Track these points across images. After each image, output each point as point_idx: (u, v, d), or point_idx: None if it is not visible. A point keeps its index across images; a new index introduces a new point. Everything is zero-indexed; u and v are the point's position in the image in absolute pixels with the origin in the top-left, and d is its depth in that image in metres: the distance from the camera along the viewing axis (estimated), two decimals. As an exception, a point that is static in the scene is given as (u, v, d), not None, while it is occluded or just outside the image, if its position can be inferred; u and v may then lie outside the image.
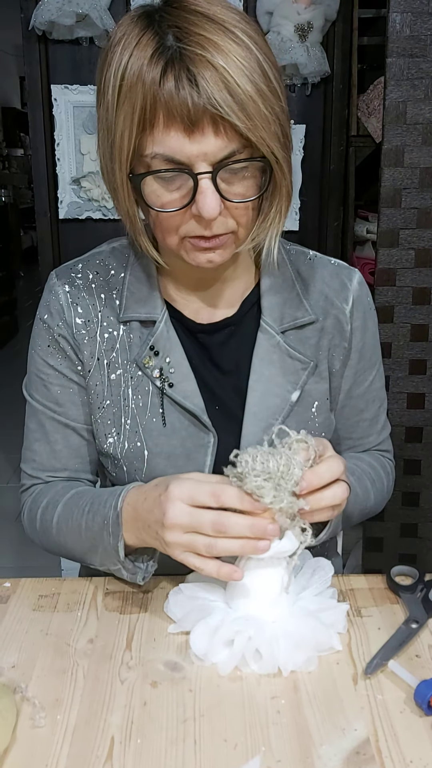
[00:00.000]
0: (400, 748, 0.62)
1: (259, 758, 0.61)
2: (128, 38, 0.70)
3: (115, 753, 0.62)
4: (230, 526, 0.69)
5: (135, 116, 0.70)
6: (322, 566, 0.81)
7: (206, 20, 0.68)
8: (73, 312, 0.88)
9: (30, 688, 0.70)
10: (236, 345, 0.90)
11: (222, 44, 0.67)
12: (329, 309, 0.91)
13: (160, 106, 0.68)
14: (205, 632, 0.73)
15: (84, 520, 0.83)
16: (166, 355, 0.87)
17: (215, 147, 0.70)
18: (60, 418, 0.92)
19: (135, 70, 0.69)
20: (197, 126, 0.68)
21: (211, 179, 0.71)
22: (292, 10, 1.99)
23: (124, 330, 0.88)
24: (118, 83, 0.70)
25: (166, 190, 0.74)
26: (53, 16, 1.91)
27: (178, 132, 0.69)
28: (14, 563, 2.43)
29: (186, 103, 0.67)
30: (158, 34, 0.69)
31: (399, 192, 1.57)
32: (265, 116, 0.70)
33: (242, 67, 0.68)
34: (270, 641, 0.71)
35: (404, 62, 1.51)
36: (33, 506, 0.94)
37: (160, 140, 0.70)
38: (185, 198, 0.73)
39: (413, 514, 1.76)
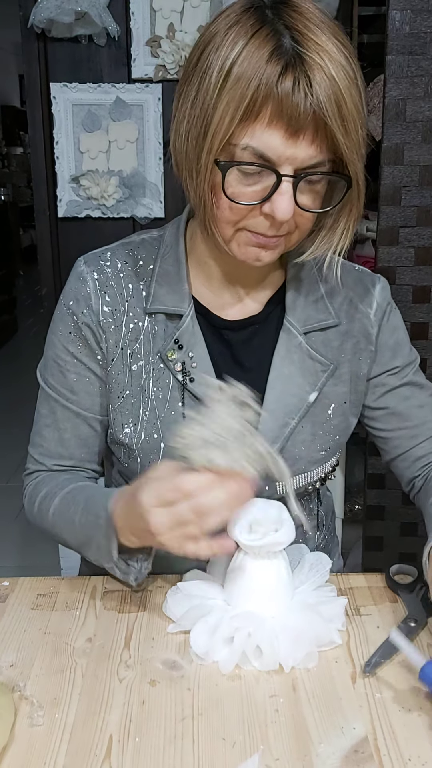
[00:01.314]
0: (398, 747, 0.62)
1: (257, 757, 0.61)
2: (241, 27, 0.70)
3: (113, 751, 0.62)
4: (209, 506, 0.69)
5: (242, 105, 0.70)
6: (320, 560, 0.82)
7: (320, 29, 0.70)
8: (101, 300, 0.88)
9: (28, 687, 0.70)
10: (259, 343, 0.90)
11: (334, 55, 0.69)
12: (353, 313, 0.92)
13: (271, 102, 0.69)
14: (205, 631, 0.73)
15: (78, 517, 0.84)
16: (190, 349, 0.87)
17: (307, 154, 0.71)
18: (72, 406, 0.92)
19: (251, 64, 0.69)
20: (300, 129, 0.70)
21: (293, 184, 0.72)
22: (292, 8, 1.98)
23: (149, 321, 0.88)
24: (226, 69, 0.70)
25: (244, 183, 0.74)
26: (52, 14, 1.90)
27: (280, 130, 0.70)
28: (13, 562, 2.43)
29: (298, 104, 0.68)
30: (275, 32, 0.69)
31: (399, 190, 1.57)
32: (360, 135, 0.72)
33: (349, 84, 0.70)
34: (270, 637, 0.71)
35: (404, 60, 1.51)
36: (33, 493, 0.95)
37: (259, 134, 0.71)
38: (261, 194, 0.74)
39: (413, 513, 1.75)
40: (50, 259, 2.14)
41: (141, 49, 1.99)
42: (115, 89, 1.98)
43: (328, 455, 0.91)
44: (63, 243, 2.14)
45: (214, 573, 0.83)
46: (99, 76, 2.01)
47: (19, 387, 4.17)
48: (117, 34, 1.98)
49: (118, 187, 2.04)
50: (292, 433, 0.88)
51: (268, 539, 0.73)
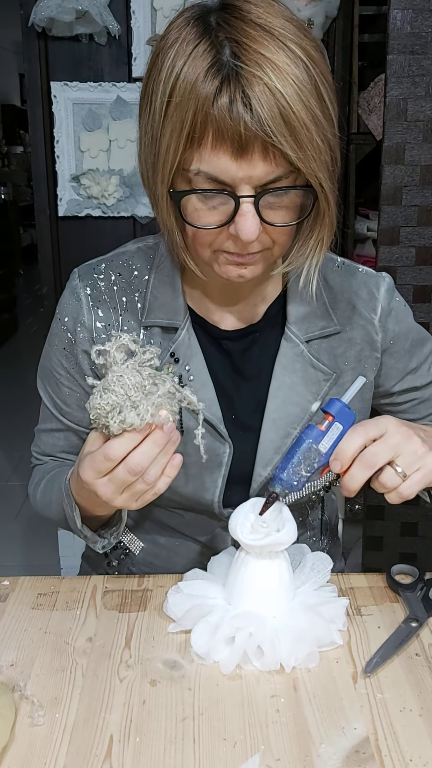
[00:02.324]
0: (399, 747, 0.62)
1: (258, 757, 0.61)
2: (182, 44, 0.67)
3: (113, 751, 0.62)
4: (142, 462, 0.70)
5: (183, 131, 0.67)
6: (321, 560, 0.82)
7: (265, 35, 0.65)
8: (93, 315, 0.87)
9: (29, 687, 0.70)
10: (260, 352, 0.88)
11: (280, 65, 0.65)
12: (357, 320, 0.89)
13: (210, 126, 0.66)
14: (206, 631, 0.73)
15: (54, 498, 0.88)
16: (186, 362, 0.86)
17: (262, 172, 0.68)
18: (64, 419, 0.93)
19: (189, 82, 0.66)
20: (246, 150, 0.66)
21: (254, 203, 0.69)
22: (293, 7, 1.98)
23: (144, 335, 0.86)
24: (168, 91, 0.68)
25: (206, 208, 0.72)
26: (53, 13, 1.90)
27: (226, 154, 0.67)
28: (14, 561, 2.43)
29: (238, 126, 0.65)
30: (215, 46, 0.66)
31: (399, 189, 1.57)
32: (317, 145, 0.68)
33: (299, 92, 0.65)
34: (271, 637, 0.71)
35: (405, 59, 1.51)
36: (31, 482, 0.99)
37: (206, 159, 0.68)
38: (224, 217, 0.71)
39: (413, 512, 1.75)
40: (50, 258, 2.14)
41: (142, 48, 1.99)
42: (116, 88, 1.98)
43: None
44: (63, 242, 2.13)
45: (215, 572, 0.83)
46: (100, 75, 2.01)
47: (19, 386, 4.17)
48: (118, 32, 1.98)
49: (119, 186, 2.04)
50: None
51: (270, 539, 0.73)
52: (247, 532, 0.75)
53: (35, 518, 2.59)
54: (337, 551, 1.08)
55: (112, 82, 2.00)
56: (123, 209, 2.06)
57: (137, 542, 0.95)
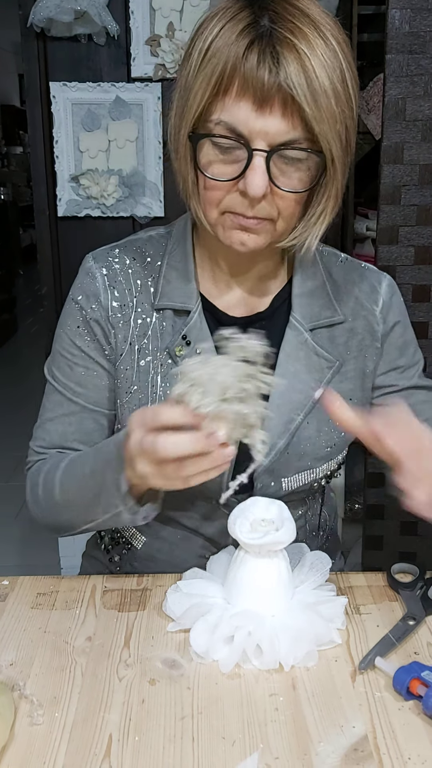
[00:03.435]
0: (398, 745, 0.62)
1: (257, 755, 0.61)
2: (225, 12, 0.74)
3: (113, 750, 0.62)
4: (171, 449, 0.67)
5: (212, 79, 0.72)
6: (320, 559, 0.82)
7: (302, 15, 0.72)
8: (109, 295, 0.89)
9: (28, 686, 0.70)
10: (265, 340, 0.90)
11: (311, 37, 0.71)
12: (359, 311, 0.92)
13: (237, 76, 0.71)
14: (205, 630, 0.73)
15: (88, 467, 0.83)
16: (197, 345, 0.87)
17: (278, 128, 0.72)
18: (79, 400, 0.92)
19: (224, 41, 0.72)
20: (267, 102, 0.71)
21: (266, 159, 0.73)
22: (291, 7, 1.98)
23: (157, 318, 0.89)
24: (205, 48, 0.73)
25: (220, 159, 0.75)
26: (52, 13, 1.90)
27: (248, 103, 0.71)
28: (13, 561, 2.43)
29: (263, 77, 0.70)
30: (254, 13, 0.72)
31: (398, 189, 1.57)
32: (333, 112, 0.72)
33: (324, 63, 0.71)
34: (270, 636, 0.71)
35: (404, 59, 1.51)
36: (34, 477, 0.94)
37: (229, 108, 0.72)
38: (237, 170, 0.74)
39: (413, 511, 1.75)
40: (50, 259, 2.14)
41: (140, 48, 1.99)
42: (115, 88, 1.98)
43: (334, 452, 0.91)
44: (63, 242, 2.13)
45: (214, 571, 0.83)
46: (98, 75, 2.01)
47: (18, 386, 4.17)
48: (116, 33, 1.98)
49: (118, 187, 2.04)
50: (297, 429, 0.88)
51: (269, 538, 0.73)
52: (246, 531, 0.75)
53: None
54: (335, 548, 1.08)
55: (111, 82, 2.00)
56: (122, 209, 2.06)
57: (139, 536, 0.95)
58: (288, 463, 0.88)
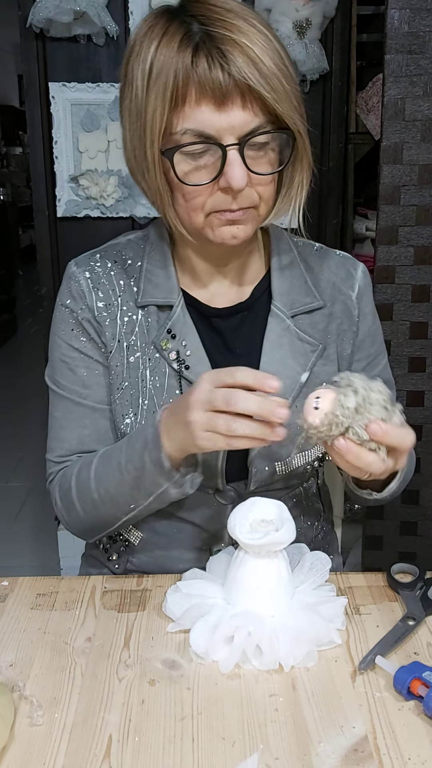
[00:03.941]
0: (398, 746, 0.62)
1: (257, 756, 0.61)
2: (154, 31, 0.76)
3: (112, 751, 0.62)
4: (239, 400, 0.70)
5: (167, 94, 0.75)
6: (320, 560, 0.82)
7: (226, 11, 0.75)
8: (94, 296, 0.91)
9: (28, 687, 0.70)
10: (248, 329, 0.93)
11: (244, 29, 0.74)
12: (336, 295, 0.95)
13: (192, 83, 0.74)
14: (205, 630, 0.73)
15: (123, 456, 0.85)
16: (183, 338, 0.89)
17: (243, 120, 0.75)
18: (87, 402, 0.93)
19: (165, 56, 0.75)
20: (227, 99, 0.74)
21: (239, 151, 0.76)
22: (291, 7, 1.98)
23: (142, 315, 0.91)
24: (147, 70, 0.76)
25: (196, 165, 0.78)
26: (51, 14, 1.90)
27: (209, 105, 0.74)
28: (14, 562, 2.43)
29: (218, 77, 0.73)
30: (184, 22, 0.75)
31: (398, 189, 1.57)
32: (286, 90, 0.76)
33: (264, 48, 0.74)
34: (270, 636, 0.71)
35: (403, 59, 1.51)
36: (64, 482, 0.94)
37: (191, 115, 0.75)
38: (213, 171, 0.77)
39: (413, 512, 1.75)
40: (49, 259, 2.14)
41: (140, 49, 1.99)
42: (114, 89, 1.98)
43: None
44: (62, 242, 2.13)
45: (214, 571, 0.83)
46: (98, 75, 2.01)
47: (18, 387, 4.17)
48: (116, 33, 1.98)
49: (117, 187, 2.04)
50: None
51: (269, 538, 0.73)
52: (246, 531, 0.75)
53: (35, 518, 2.59)
54: (333, 543, 1.08)
55: (111, 82, 2.00)
56: (122, 209, 2.06)
57: (136, 532, 0.95)
58: (280, 448, 0.90)
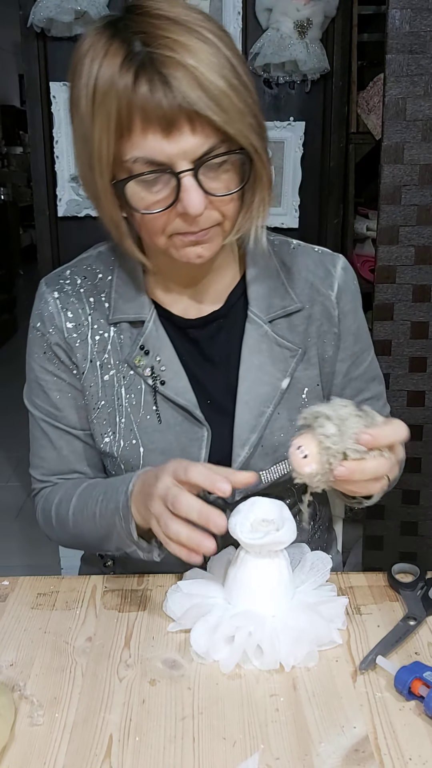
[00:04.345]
0: (398, 746, 0.62)
1: (257, 756, 0.61)
2: (95, 49, 0.71)
3: (113, 751, 0.62)
4: (181, 502, 0.70)
5: (111, 124, 0.71)
6: (321, 560, 0.82)
7: (171, 23, 0.69)
8: (63, 317, 0.89)
9: (28, 686, 0.70)
10: (226, 337, 0.91)
11: (189, 44, 0.69)
12: (315, 296, 0.92)
13: (136, 111, 0.69)
14: (205, 630, 0.73)
15: (98, 509, 0.85)
16: (157, 353, 0.88)
17: (194, 144, 0.71)
18: (60, 424, 0.93)
19: (107, 79, 0.70)
20: (174, 125, 0.69)
21: (194, 176, 0.72)
22: (292, 7, 1.98)
23: (114, 331, 0.89)
24: (91, 93, 0.71)
25: (150, 192, 0.74)
26: (52, 13, 1.90)
27: (156, 134, 0.70)
28: (13, 561, 2.43)
29: (161, 104, 0.68)
30: (126, 41, 0.70)
31: (399, 189, 1.57)
32: (239, 109, 0.71)
33: (212, 64, 0.69)
34: (271, 636, 0.71)
35: (404, 59, 1.51)
36: (46, 505, 0.96)
37: (139, 144, 0.71)
38: (170, 197, 0.74)
39: (413, 512, 1.75)
40: (50, 259, 2.14)
41: (141, 48, 1.98)
42: (115, 88, 1.98)
43: None
44: (63, 242, 2.13)
45: (215, 571, 0.83)
46: (99, 75, 2.01)
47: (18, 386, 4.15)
48: (117, 33, 1.98)
49: (118, 187, 2.04)
50: (269, 422, 0.89)
51: (270, 538, 0.73)
52: (247, 531, 0.75)
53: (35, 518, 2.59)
54: (332, 542, 1.08)
55: (111, 82, 2.00)
56: (122, 209, 2.06)
57: None
58: (264, 456, 0.89)
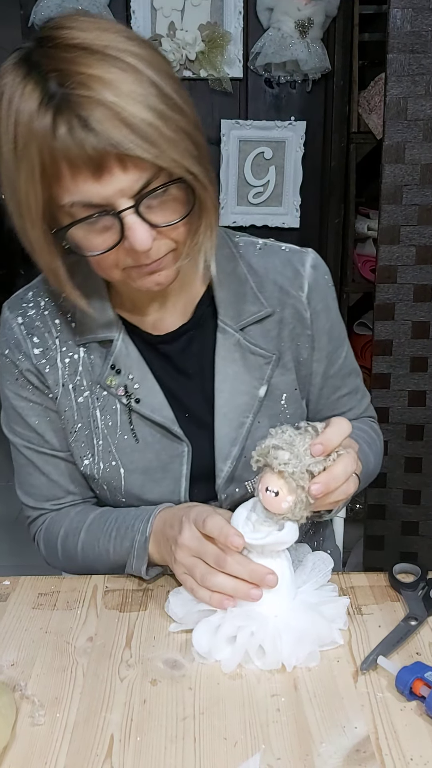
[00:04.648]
0: (400, 746, 0.62)
1: (258, 756, 0.61)
2: (11, 89, 0.67)
3: (114, 751, 0.62)
4: (229, 565, 0.72)
5: (36, 174, 0.67)
6: (322, 560, 0.81)
7: (85, 53, 0.64)
8: (29, 343, 0.87)
9: (29, 686, 0.70)
10: (198, 349, 0.89)
11: (107, 77, 0.64)
12: (285, 299, 0.89)
13: (60, 158, 0.65)
14: (207, 630, 0.73)
15: (112, 546, 0.85)
16: (128, 371, 0.86)
17: (128, 182, 0.67)
18: (43, 449, 0.92)
19: (25, 125, 0.66)
20: (103, 168, 0.66)
21: (135, 212, 0.69)
22: (293, 6, 1.98)
23: (84, 352, 0.87)
24: (11, 140, 0.67)
25: (95, 234, 0.71)
26: (53, 13, 1.90)
27: (87, 179, 0.66)
28: (14, 561, 2.43)
29: (85, 149, 0.64)
30: (40, 81, 0.65)
31: (400, 189, 1.57)
32: (170, 138, 0.66)
33: (134, 95, 0.64)
34: (273, 636, 0.71)
35: (405, 58, 1.51)
36: (49, 536, 0.95)
37: (72, 189, 0.67)
38: (115, 236, 0.71)
39: (414, 512, 1.75)
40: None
41: (142, 48, 1.98)
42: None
43: None
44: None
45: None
46: (100, 74, 2.01)
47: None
48: (118, 32, 1.97)
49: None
50: (249, 432, 0.88)
51: (272, 538, 0.73)
52: (249, 531, 0.75)
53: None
54: (330, 536, 1.08)
55: (112, 81, 2.00)
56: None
57: None
58: (247, 467, 0.86)
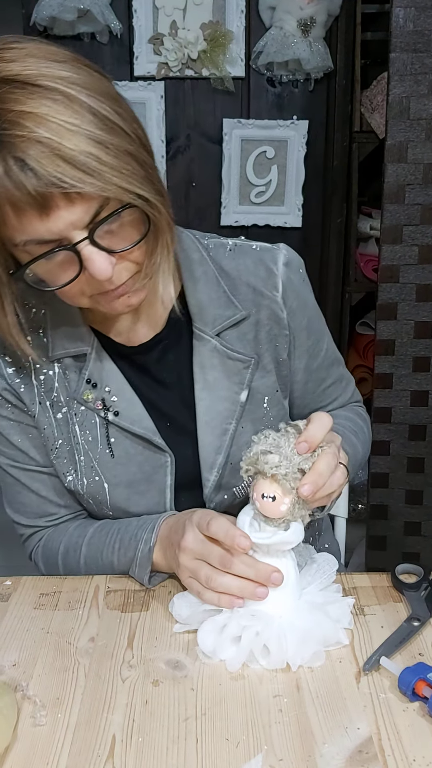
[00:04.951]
0: (402, 747, 0.62)
1: (261, 757, 0.61)
2: None
3: (116, 751, 0.62)
4: (235, 565, 0.72)
5: None
6: (327, 561, 0.81)
7: (16, 86, 0.62)
8: (2, 363, 0.86)
9: (31, 687, 0.70)
10: (174, 357, 0.88)
11: (40, 111, 0.62)
12: (260, 300, 0.88)
13: (3, 202, 0.64)
14: (213, 629, 0.73)
15: (116, 558, 0.85)
16: (105, 384, 0.85)
17: (78, 215, 0.66)
18: (29, 467, 0.91)
19: None
20: (48, 206, 0.64)
21: (91, 243, 0.68)
22: (295, 6, 1.98)
23: (59, 367, 0.86)
24: None
25: (55, 267, 0.70)
26: (54, 12, 1.90)
27: (33, 219, 0.65)
28: (16, 561, 2.43)
29: (27, 191, 0.63)
30: None
31: (402, 188, 1.56)
32: (112, 165, 0.65)
33: (70, 127, 0.63)
34: (278, 636, 0.71)
35: (408, 57, 1.50)
36: (48, 553, 0.94)
37: (21, 229, 0.66)
38: (75, 268, 0.70)
39: (417, 512, 1.75)
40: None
41: (143, 47, 1.99)
42: (118, 87, 1.98)
43: None
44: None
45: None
46: (101, 74, 2.01)
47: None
48: (119, 31, 1.98)
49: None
50: (233, 438, 0.87)
51: (278, 537, 0.73)
52: (254, 531, 0.75)
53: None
54: (327, 530, 1.08)
55: (114, 80, 1.99)
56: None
57: None
58: (234, 473, 0.86)
